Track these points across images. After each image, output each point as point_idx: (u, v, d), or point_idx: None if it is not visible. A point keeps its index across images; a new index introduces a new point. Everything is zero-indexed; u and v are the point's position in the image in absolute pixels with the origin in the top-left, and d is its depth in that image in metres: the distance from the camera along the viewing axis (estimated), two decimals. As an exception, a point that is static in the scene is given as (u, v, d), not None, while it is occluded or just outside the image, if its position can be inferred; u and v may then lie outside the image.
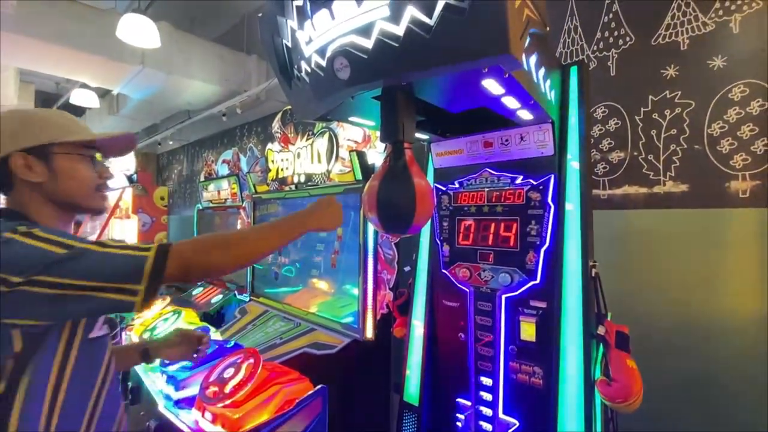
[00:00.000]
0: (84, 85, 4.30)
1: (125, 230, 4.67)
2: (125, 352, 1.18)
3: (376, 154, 1.97)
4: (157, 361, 1.73)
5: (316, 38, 0.85)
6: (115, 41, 3.10)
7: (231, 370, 1.40)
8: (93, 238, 4.64)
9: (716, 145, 1.56)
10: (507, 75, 0.79)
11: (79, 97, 4.34)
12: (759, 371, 1.40)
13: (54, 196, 0.84)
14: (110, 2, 4.18)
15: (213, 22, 4.85)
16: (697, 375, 1.51)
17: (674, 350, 1.55)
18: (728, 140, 1.53)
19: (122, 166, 4.69)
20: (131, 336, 2.20)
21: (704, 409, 1.50)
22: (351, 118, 1.16)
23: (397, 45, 0.74)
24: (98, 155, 0.93)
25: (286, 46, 0.98)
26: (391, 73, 0.78)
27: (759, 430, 1.37)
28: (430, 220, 1.47)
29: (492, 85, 0.86)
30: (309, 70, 0.91)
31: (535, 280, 1.22)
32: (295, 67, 0.98)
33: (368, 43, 0.76)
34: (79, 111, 7.01)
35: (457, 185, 1.44)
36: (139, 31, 2.73)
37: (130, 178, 4.58)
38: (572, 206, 1.18)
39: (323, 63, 0.86)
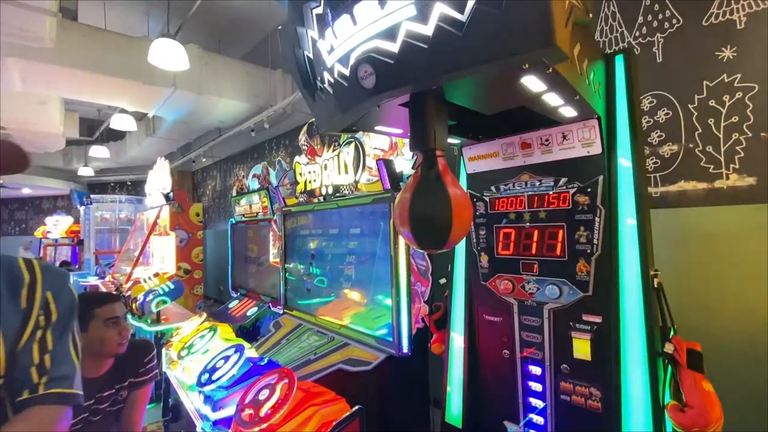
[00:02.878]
0: (123, 110, 4.52)
1: (164, 247, 4.86)
2: None
3: (404, 162, 1.91)
4: (194, 379, 1.73)
5: (338, 46, 0.80)
6: (148, 66, 3.23)
7: (266, 392, 1.36)
8: (135, 254, 4.81)
9: (788, 132, 1.38)
10: (550, 70, 0.71)
11: (118, 122, 4.56)
12: None
13: None
14: (142, 30, 4.39)
15: (239, 41, 5.00)
16: (781, 393, 1.33)
17: (752, 366, 1.37)
18: (802, 125, 1.35)
19: (159, 185, 4.88)
20: (171, 353, 2.23)
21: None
22: (377, 128, 1.11)
23: (426, 46, 0.67)
24: None
25: (308, 57, 0.94)
26: (421, 78, 0.72)
27: None
28: (465, 230, 1.38)
29: (533, 83, 0.78)
30: (332, 80, 0.86)
31: (587, 292, 1.11)
32: (318, 78, 0.94)
33: (394, 47, 0.70)
34: (119, 135, 7.43)
35: (493, 191, 1.35)
36: (169, 54, 2.82)
37: (166, 197, 4.75)
38: (626, 209, 1.06)
39: (346, 72, 0.80)
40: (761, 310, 1.38)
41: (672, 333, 1.07)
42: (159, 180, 4.90)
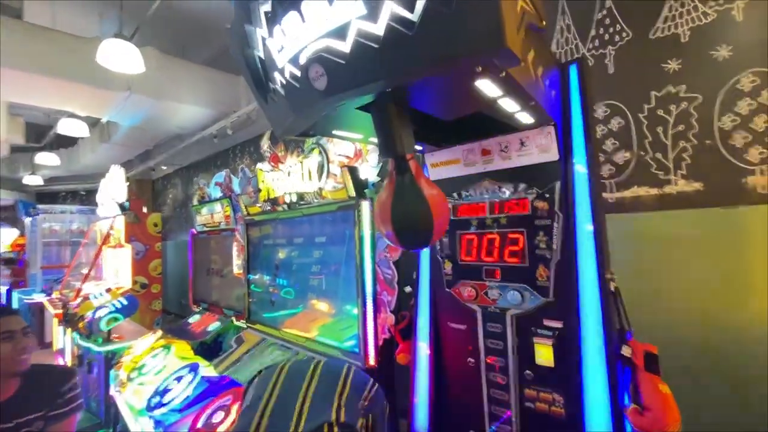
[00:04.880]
0: (72, 115, 4.25)
1: (119, 260, 4.56)
2: None
3: (369, 169, 1.88)
4: (144, 403, 1.61)
5: (288, 46, 0.76)
6: (101, 69, 3.05)
7: (221, 414, 1.27)
8: (86, 269, 4.50)
9: (728, 139, 1.46)
10: (503, 74, 0.70)
11: (67, 127, 4.28)
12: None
13: None
14: (95, 32, 4.16)
15: (203, 46, 4.84)
16: (729, 390, 1.39)
17: (706, 365, 1.42)
18: (741, 133, 1.44)
19: (114, 194, 4.60)
20: (120, 374, 2.07)
21: (742, 426, 1.36)
22: (335, 132, 1.07)
23: (377, 46, 0.65)
24: None
25: (259, 57, 0.89)
26: (373, 80, 0.69)
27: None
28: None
29: (487, 87, 0.77)
30: (284, 81, 0.82)
31: (548, 297, 1.11)
32: (270, 80, 0.89)
33: (345, 47, 0.67)
34: (71, 141, 6.98)
35: (455, 197, 1.34)
36: (120, 56, 2.67)
37: (121, 206, 4.48)
38: (583, 214, 1.08)
39: (298, 73, 0.77)
40: (712, 310, 1.44)
41: (629, 336, 1.09)
42: (112, 188, 4.62)
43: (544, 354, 1.11)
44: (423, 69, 0.64)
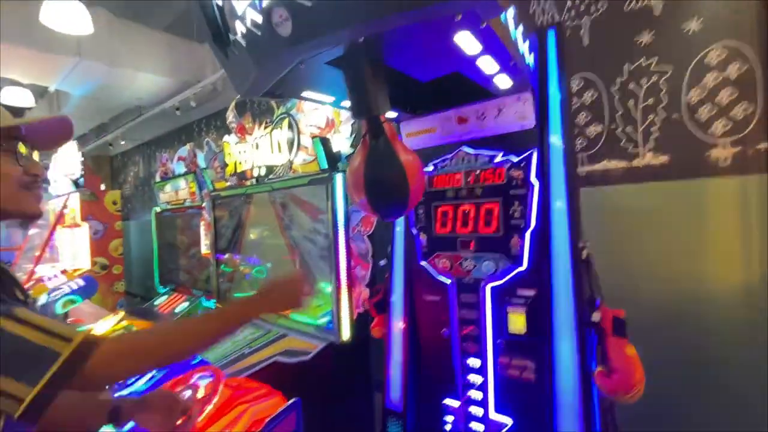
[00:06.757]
0: (15, 82, 3.87)
1: (75, 240, 4.29)
2: (89, 408, 0.94)
3: (342, 140, 1.81)
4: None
5: (249, -12, 0.68)
6: (45, 31, 2.76)
7: (188, 392, 1.22)
8: (38, 251, 4.20)
9: (695, 113, 1.49)
10: (484, 25, 0.65)
11: (10, 96, 3.90)
12: (747, 339, 1.36)
13: None
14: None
15: (160, 11, 4.48)
16: (690, 350, 1.46)
17: (665, 328, 1.49)
18: (707, 107, 1.47)
19: (67, 170, 4.27)
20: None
21: (701, 385, 1.45)
22: (305, 93, 1.00)
23: (347, -14, 0.58)
24: (23, 147, 0.76)
25: (216, 5, 0.80)
26: (343, 26, 0.63)
27: (757, 402, 1.33)
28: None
29: (466, 41, 0.72)
30: (244, 30, 0.74)
31: (522, 266, 1.11)
32: (230, 30, 0.81)
33: (312, -13, 0.61)
34: (16, 113, 6.41)
35: (431, 168, 1.31)
36: (66, 15, 2.42)
37: (75, 183, 4.18)
38: (557, 181, 1.07)
39: (259, 19, 0.69)
40: (673, 276, 1.50)
41: (602, 302, 1.11)
42: (65, 165, 4.29)
43: (517, 322, 1.12)
44: (399, 15, 0.59)
